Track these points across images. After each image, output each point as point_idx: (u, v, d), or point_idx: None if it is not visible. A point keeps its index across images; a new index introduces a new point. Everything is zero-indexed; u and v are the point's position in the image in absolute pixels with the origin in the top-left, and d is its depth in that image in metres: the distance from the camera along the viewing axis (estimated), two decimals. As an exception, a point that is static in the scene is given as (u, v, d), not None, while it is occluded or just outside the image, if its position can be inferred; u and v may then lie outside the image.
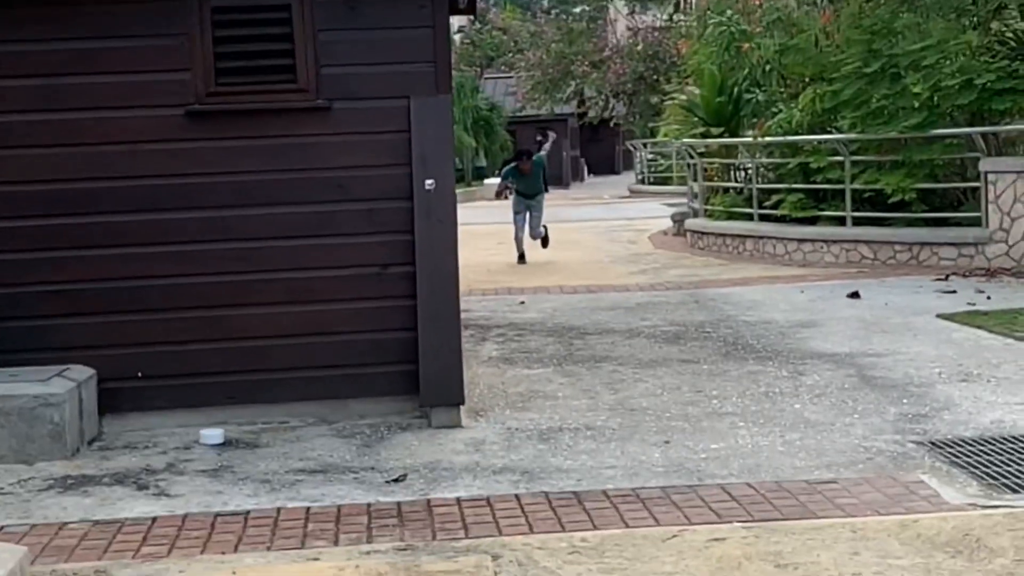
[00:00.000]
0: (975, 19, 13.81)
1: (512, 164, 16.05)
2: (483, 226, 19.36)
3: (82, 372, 6.38)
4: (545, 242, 15.85)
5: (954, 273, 12.05)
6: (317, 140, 6.74)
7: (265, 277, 6.72)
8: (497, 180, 37.56)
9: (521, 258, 15.51)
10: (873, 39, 13.47)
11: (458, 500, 5.20)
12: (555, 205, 16.16)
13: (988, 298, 10.38)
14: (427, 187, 6.64)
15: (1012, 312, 9.50)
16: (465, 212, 6.95)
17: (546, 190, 16.01)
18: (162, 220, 6.64)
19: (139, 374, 6.62)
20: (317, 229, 6.73)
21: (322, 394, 6.76)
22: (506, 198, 16.22)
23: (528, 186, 15.64)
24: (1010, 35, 13.09)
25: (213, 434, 6.35)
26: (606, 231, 20.25)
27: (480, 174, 39.23)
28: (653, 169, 34.95)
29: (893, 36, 13.46)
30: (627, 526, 4.76)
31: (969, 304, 10.08)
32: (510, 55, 47.92)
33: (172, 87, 6.59)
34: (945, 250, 12.78)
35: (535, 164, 15.83)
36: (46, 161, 6.55)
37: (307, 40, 6.65)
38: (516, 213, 15.70)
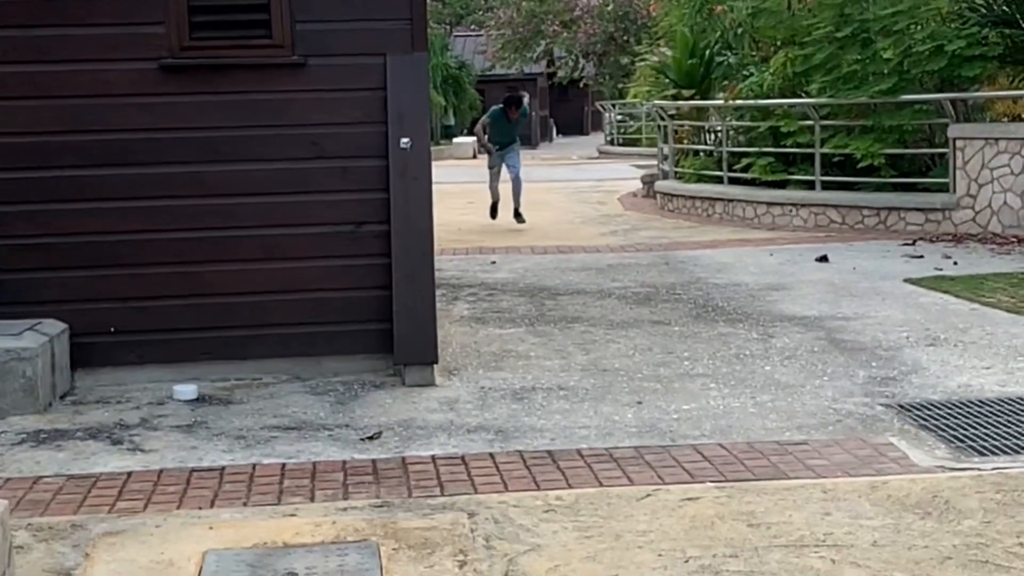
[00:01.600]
0: (946, -15, 13.86)
1: (499, 106, 15.47)
2: (453, 185, 19.33)
3: (54, 326, 6.34)
4: (518, 215, 15.02)
5: (921, 238, 12.17)
6: (292, 96, 6.70)
7: (239, 234, 6.70)
8: (467, 139, 37.47)
9: (493, 209, 15.19)
10: (845, 4, 13.50)
11: (433, 458, 5.23)
12: (524, 165, 15.96)
13: (955, 264, 10.50)
14: (402, 145, 6.62)
15: (978, 278, 9.62)
16: (435, 171, 6.93)
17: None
18: (135, 175, 6.59)
19: (112, 329, 6.59)
20: (291, 186, 6.70)
21: (296, 351, 6.76)
22: (487, 152, 15.65)
23: (504, 133, 15.32)
24: (980, 2, 13.14)
25: (186, 390, 6.34)
26: (575, 192, 20.26)
27: (449, 133, 39.08)
28: (622, 130, 34.96)
29: (864, 1, 13.50)
30: (601, 485, 4.81)
31: (936, 269, 10.19)
32: (480, 13, 47.70)
33: (146, 40, 6.52)
34: (912, 215, 12.90)
35: (521, 115, 15.50)
36: (17, 113, 6.48)
37: (283, -6, 6.59)
38: (491, 167, 15.43)
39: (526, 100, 16.55)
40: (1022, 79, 12.96)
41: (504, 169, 15.21)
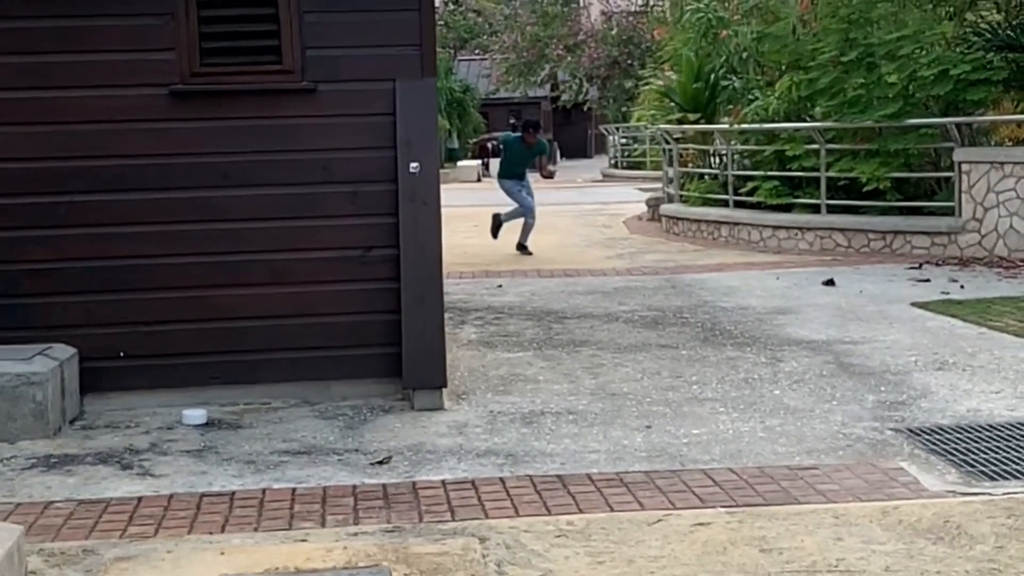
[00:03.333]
0: (951, 10, 13.93)
1: (517, 134, 14.71)
2: (458, 208, 19.33)
3: (64, 351, 6.36)
4: (495, 231, 14.76)
5: (927, 262, 12.18)
6: (302, 122, 6.73)
7: (248, 258, 6.71)
8: (472, 163, 37.49)
9: (522, 248, 14.35)
10: (850, 28, 13.57)
11: (443, 483, 5.23)
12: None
13: (961, 287, 10.50)
14: (411, 170, 6.65)
15: (985, 301, 9.62)
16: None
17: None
18: (145, 200, 6.61)
19: (121, 354, 6.60)
20: (301, 211, 6.73)
21: (305, 376, 6.77)
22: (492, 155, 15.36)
23: (513, 165, 14.55)
24: (985, 26, 13.20)
25: (196, 414, 6.35)
26: (581, 215, 20.29)
27: (453, 156, 39.20)
28: (626, 153, 35.04)
29: (870, 25, 13.57)
30: (612, 510, 4.80)
31: (943, 293, 10.19)
32: (484, 37, 47.90)
33: (156, 66, 6.56)
34: (918, 239, 12.90)
35: (538, 144, 14.67)
36: (29, 139, 6.51)
37: (293, 21, 6.63)
38: (516, 192, 14.49)
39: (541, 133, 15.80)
40: (1027, 103, 13.01)
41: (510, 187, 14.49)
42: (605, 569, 4.15)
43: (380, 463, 5.58)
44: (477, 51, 49.21)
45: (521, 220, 14.56)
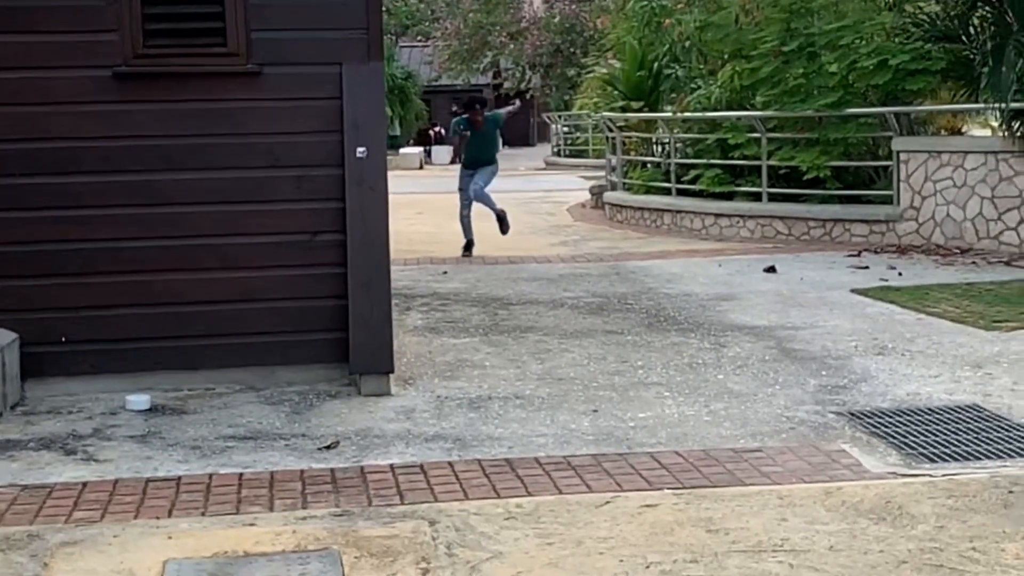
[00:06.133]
0: (890, 0, 14.10)
1: (463, 115, 13.10)
2: (403, 195, 19.26)
3: (4, 336, 6.27)
4: (503, 226, 13.19)
5: (866, 249, 12.35)
6: (247, 105, 6.68)
7: (192, 243, 6.66)
8: (414, 150, 37.34)
9: (467, 248, 12.85)
10: (791, 18, 13.71)
11: (392, 467, 5.23)
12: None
13: (900, 274, 10.67)
14: (359, 155, 6.62)
15: (923, 288, 9.78)
16: (384, 181, 6.94)
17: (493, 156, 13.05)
18: (88, 183, 6.53)
19: (63, 339, 6.52)
20: (246, 195, 6.68)
21: (250, 361, 6.73)
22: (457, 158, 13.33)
23: (476, 151, 12.91)
24: (923, 17, 13.36)
25: (139, 400, 6.29)
26: (524, 203, 20.27)
27: (395, 143, 39.01)
28: (569, 142, 35.10)
29: (810, 16, 13.71)
30: (561, 492, 4.83)
31: (882, 280, 10.34)
32: (426, 23, 47.70)
33: (99, 48, 6.48)
34: (857, 227, 13.08)
35: (488, 120, 13.04)
36: (-32, 120, 6.41)
37: (238, 3, 6.58)
38: (461, 189, 13.09)
39: (516, 105, 14.12)
40: (963, 94, 13.19)
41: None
42: (554, 550, 4.18)
43: (328, 448, 5.57)
44: (419, 37, 49.02)
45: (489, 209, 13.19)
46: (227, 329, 6.70)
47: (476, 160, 13.05)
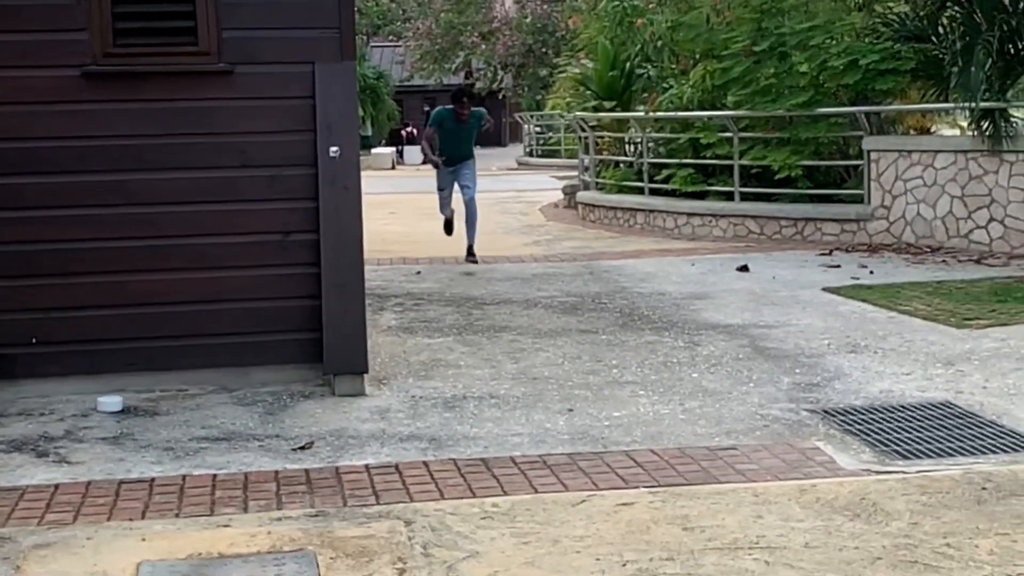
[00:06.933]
0: (860, 1, 14.18)
1: (448, 107, 12.44)
2: (375, 196, 19.21)
3: (-26, 338, 6.21)
4: (448, 228, 12.89)
5: (837, 248, 12.40)
6: (218, 104, 6.65)
7: (164, 243, 6.61)
8: (386, 151, 37.22)
9: (448, 225, 12.70)
10: (762, 18, 13.75)
11: (367, 467, 5.21)
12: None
13: (871, 273, 10.72)
14: (332, 154, 6.60)
15: (895, 286, 9.83)
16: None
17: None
18: (57, 183, 6.48)
19: (33, 340, 6.47)
20: (218, 195, 6.64)
21: (223, 362, 6.69)
22: (435, 166, 12.60)
23: (455, 142, 12.32)
24: (893, 17, 13.45)
25: (111, 401, 6.24)
26: (497, 203, 20.24)
27: (367, 143, 38.92)
28: (541, 142, 35.11)
29: (781, 16, 13.76)
30: (537, 492, 4.83)
31: (853, 278, 10.40)
32: (398, 23, 47.61)
33: (69, 47, 6.43)
34: (829, 226, 13.14)
35: (472, 116, 12.36)
36: (-64, 120, 6.34)
37: (208, 2, 6.53)
38: (440, 189, 12.63)
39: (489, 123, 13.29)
40: (933, 93, 13.28)
41: (457, 191, 12.49)
42: (531, 549, 4.18)
43: (302, 448, 5.54)
44: (391, 37, 48.92)
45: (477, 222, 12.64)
46: (200, 329, 6.66)
47: (456, 156, 12.49)
